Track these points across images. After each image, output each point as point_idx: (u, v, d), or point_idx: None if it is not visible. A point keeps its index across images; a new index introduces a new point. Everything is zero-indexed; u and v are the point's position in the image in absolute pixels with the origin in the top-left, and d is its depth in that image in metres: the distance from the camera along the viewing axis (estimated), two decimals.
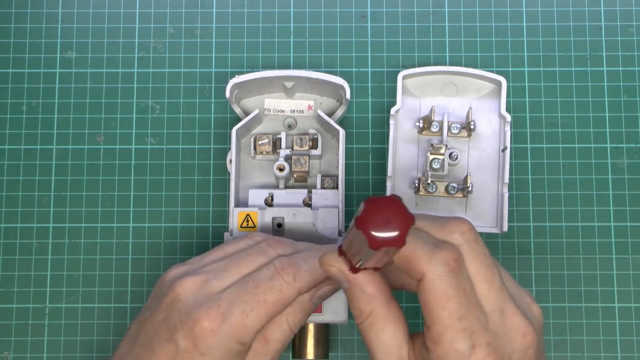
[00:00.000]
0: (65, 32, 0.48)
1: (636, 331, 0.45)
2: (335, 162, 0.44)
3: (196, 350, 0.33)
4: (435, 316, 0.30)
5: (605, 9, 0.48)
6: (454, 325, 0.30)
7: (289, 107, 0.45)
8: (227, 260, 0.36)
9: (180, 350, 0.33)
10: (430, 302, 0.30)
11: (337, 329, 0.45)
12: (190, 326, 0.33)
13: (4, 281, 0.45)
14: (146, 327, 0.35)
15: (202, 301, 0.34)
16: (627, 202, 0.46)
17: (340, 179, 0.42)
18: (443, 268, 0.30)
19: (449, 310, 0.30)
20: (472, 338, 0.30)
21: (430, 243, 0.30)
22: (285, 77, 0.43)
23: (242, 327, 0.33)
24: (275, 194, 0.43)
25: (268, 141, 0.44)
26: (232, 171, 0.43)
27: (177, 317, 0.34)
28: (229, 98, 0.43)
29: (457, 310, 0.30)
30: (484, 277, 0.31)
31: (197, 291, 0.34)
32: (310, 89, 0.45)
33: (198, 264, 0.36)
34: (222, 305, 0.33)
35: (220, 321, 0.33)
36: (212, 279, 0.35)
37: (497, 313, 0.31)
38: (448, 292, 0.30)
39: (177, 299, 0.34)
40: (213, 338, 0.33)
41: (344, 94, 0.43)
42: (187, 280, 0.34)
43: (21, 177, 0.46)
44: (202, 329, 0.33)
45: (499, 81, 0.44)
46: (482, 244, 0.32)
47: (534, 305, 0.33)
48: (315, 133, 0.44)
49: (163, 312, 0.34)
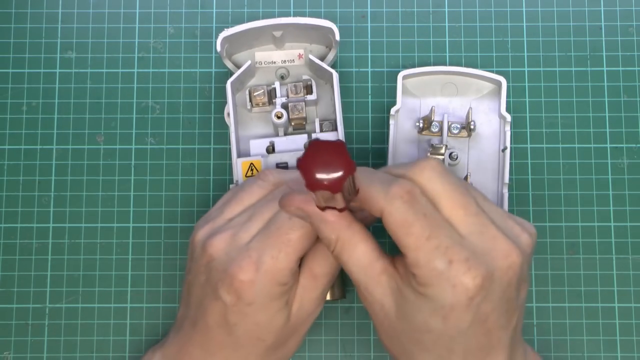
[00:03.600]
0: (65, 32, 0.48)
1: (636, 331, 0.45)
2: (331, 106, 0.45)
3: (242, 302, 0.35)
4: (404, 244, 0.31)
5: (605, 9, 0.48)
6: (424, 247, 0.31)
7: (279, 58, 0.45)
8: (250, 211, 0.37)
9: (228, 305, 0.35)
10: (396, 232, 0.31)
11: (337, 329, 0.45)
12: (229, 282, 0.34)
13: (4, 281, 0.45)
14: (194, 289, 0.37)
15: (234, 255, 0.35)
16: (627, 202, 0.46)
17: (338, 121, 0.43)
18: (398, 200, 0.31)
19: (414, 234, 0.31)
20: (446, 254, 0.31)
21: (384, 182, 0.32)
22: (274, 25, 0.43)
23: (276, 271, 0.34)
24: (276, 141, 0.44)
25: (263, 92, 0.44)
26: (231, 123, 0.43)
27: (217, 276, 0.35)
28: (220, 52, 0.43)
29: (422, 232, 0.31)
30: (459, 204, 0.32)
31: (227, 247, 0.36)
32: (299, 37, 0.45)
33: (221, 220, 0.37)
34: (252, 255, 0.34)
35: (254, 271, 0.34)
36: (239, 231, 0.36)
37: (476, 235, 0.32)
38: (407, 218, 0.31)
39: (211, 259, 0.36)
40: (253, 288, 0.34)
41: (333, 36, 0.43)
42: (216, 240, 0.36)
43: (21, 177, 0.46)
44: (241, 283, 0.34)
45: (499, 81, 0.44)
46: (453, 174, 0.33)
47: (523, 235, 0.34)
48: (309, 79, 0.44)
49: (203, 273, 0.36)
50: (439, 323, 0.32)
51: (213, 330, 0.36)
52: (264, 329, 0.36)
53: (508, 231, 0.33)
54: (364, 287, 0.34)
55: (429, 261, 0.31)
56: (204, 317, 0.36)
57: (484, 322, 0.32)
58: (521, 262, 0.32)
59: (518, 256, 0.32)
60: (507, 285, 0.32)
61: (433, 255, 0.31)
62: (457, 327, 0.32)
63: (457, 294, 0.31)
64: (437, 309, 0.31)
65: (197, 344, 0.37)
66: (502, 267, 0.32)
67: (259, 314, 0.35)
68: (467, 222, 0.32)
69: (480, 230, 0.32)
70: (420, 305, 0.32)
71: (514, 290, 0.33)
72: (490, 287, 0.31)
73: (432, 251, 0.31)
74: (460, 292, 0.31)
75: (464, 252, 0.31)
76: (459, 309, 0.31)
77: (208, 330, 0.36)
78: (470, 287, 0.31)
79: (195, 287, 0.37)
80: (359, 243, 0.33)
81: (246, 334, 0.36)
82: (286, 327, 0.36)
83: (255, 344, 0.36)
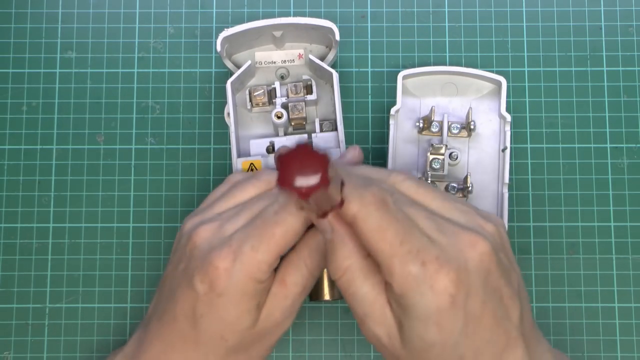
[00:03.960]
0: (65, 32, 0.48)
1: (636, 331, 0.45)
2: (331, 106, 0.45)
3: (213, 292, 0.34)
4: (378, 251, 0.31)
5: (605, 9, 0.48)
6: (398, 252, 0.31)
7: (279, 58, 0.45)
8: (240, 207, 0.36)
9: (199, 294, 0.34)
10: (369, 240, 0.31)
11: (337, 329, 0.45)
12: (205, 269, 0.34)
13: (4, 281, 0.45)
14: (169, 281, 0.37)
15: (216, 244, 0.34)
16: (627, 202, 0.46)
17: (338, 121, 0.43)
18: (371, 206, 0.31)
19: (387, 240, 0.31)
20: (419, 256, 0.31)
21: (357, 187, 0.32)
22: (274, 25, 0.43)
23: (254, 263, 0.34)
24: (275, 141, 0.44)
25: (263, 92, 0.44)
26: (231, 123, 0.43)
27: (195, 264, 0.34)
28: (220, 52, 0.43)
29: (395, 237, 0.31)
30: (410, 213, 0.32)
31: (211, 237, 0.35)
32: (299, 37, 0.45)
33: (211, 213, 0.37)
34: (233, 244, 0.34)
35: (232, 260, 0.34)
36: (226, 223, 0.35)
37: (436, 234, 0.32)
38: (381, 224, 0.31)
39: (194, 247, 0.35)
40: (228, 278, 0.34)
41: (333, 36, 0.43)
42: (202, 229, 0.35)
43: (21, 177, 0.46)
44: (216, 270, 0.33)
45: (499, 81, 0.44)
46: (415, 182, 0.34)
47: (486, 225, 0.33)
48: (309, 79, 0.44)
49: (183, 262, 0.36)
50: (434, 334, 0.31)
51: (179, 321, 0.35)
52: (228, 326, 0.35)
53: (470, 224, 0.33)
54: (371, 320, 0.33)
55: (403, 267, 0.31)
56: (173, 308, 0.35)
57: (481, 319, 0.31)
58: (491, 249, 0.32)
59: (485, 243, 0.32)
60: (487, 274, 0.32)
61: (406, 260, 0.31)
62: (454, 330, 0.31)
63: (437, 294, 0.30)
64: (425, 317, 0.31)
65: (159, 337, 0.36)
66: (474, 257, 0.31)
67: (227, 309, 0.34)
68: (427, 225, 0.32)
69: (438, 230, 0.32)
70: (411, 323, 0.31)
71: (498, 278, 0.32)
72: (469, 279, 0.31)
73: (405, 256, 0.31)
74: (439, 291, 0.30)
75: (434, 250, 0.31)
76: (446, 311, 0.31)
77: (174, 321, 0.35)
78: (448, 284, 0.30)
79: (171, 278, 0.36)
80: (369, 276, 0.33)
81: (210, 329, 0.35)
82: (251, 331, 0.35)
83: (217, 343, 0.35)
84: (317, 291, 0.42)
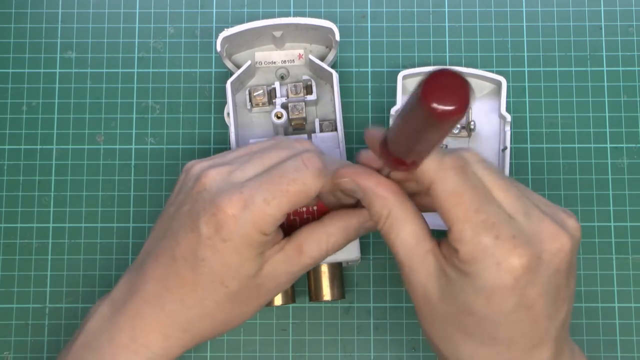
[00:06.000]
0: (65, 32, 0.48)
1: (636, 331, 0.45)
2: (331, 106, 0.45)
3: (218, 237, 0.33)
4: (452, 215, 0.30)
5: (605, 9, 0.48)
6: (472, 219, 0.30)
7: (279, 58, 0.45)
8: (253, 154, 0.36)
9: (202, 237, 0.33)
10: (444, 203, 0.30)
11: (337, 329, 0.45)
12: (212, 212, 0.33)
13: (4, 281, 0.45)
14: (169, 220, 0.36)
15: (226, 189, 0.34)
16: (627, 202, 0.46)
17: (338, 121, 0.43)
18: (450, 171, 0.30)
19: (464, 205, 0.30)
20: (493, 229, 0.30)
21: (437, 152, 0.31)
22: (274, 25, 0.43)
23: (263, 215, 0.33)
24: None
25: (263, 92, 0.44)
26: (231, 124, 0.43)
27: (201, 206, 0.34)
28: (220, 52, 0.43)
29: (471, 204, 0.30)
30: (500, 186, 0.31)
31: (221, 180, 0.34)
32: (299, 37, 0.45)
33: (221, 159, 0.36)
34: (245, 192, 0.33)
35: (242, 207, 0.33)
36: (237, 169, 0.35)
37: (521, 215, 0.31)
38: (458, 189, 0.30)
39: (202, 189, 0.34)
40: (234, 224, 0.33)
41: (333, 37, 0.43)
42: (212, 171, 0.35)
43: (21, 177, 0.46)
44: (224, 215, 0.33)
45: (499, 81, 0.44)
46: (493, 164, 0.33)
47: (570, 220, 0.32)
48: (309, 79, 0.44)
49: (189, 203, 0.35)
50: (482, 305, 0.30)
51: (178, 262, 0.34)
52: (230, 272, 0.34)
53: (554, 216, 0.32)
54: (409, 267, 0.33)
55: (474, 235, 0.30)
56: (172, 249, 0.34)
57: (530, 309, 0.31)
58: (571, 246, 0.31)
59: (567, 240, 0.31)
60: (556, 271, 0.31)
61: (480, 229, 0.30)
62: (501, 310, 0.31)
63: (501, 272, 0.30)
64: (480, 288, 0.30)
65: (154, 279, 0.35)
66: (551, 250, 0.31)
67: (230, 255, 0.33)
68: (510, 203, 0.31)
69: (526, 212, 0.31)
70: (462, 285, 0.31)
71: (562, 278, 0.31)
72: (537, 269, 0.30)
73: (479, 225, 0.30)
74: (505, 270, 0.30)
75: (512, 229, 0.30)
76: (503, 290, 0.30)
77: (172, 263, 0.34)
78: (516, 266, 0.30)
79: (172, 219, 0.35)
80: (409, 221, 0.32)
81: (210, 274, 0.34)
82: (252, 281, 0.35)
83: (216, 287, 0.34)
84: (317, 291, 0.42)
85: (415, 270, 0.32)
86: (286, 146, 0.36)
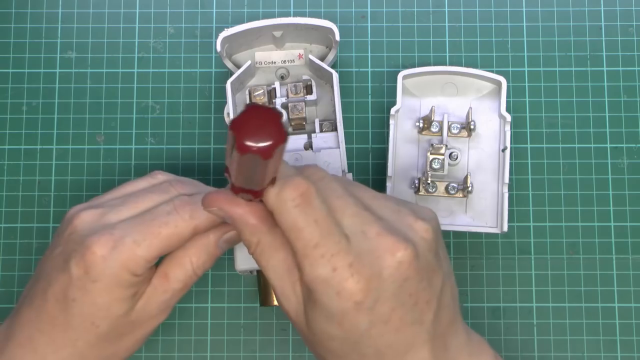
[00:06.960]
0: (65, 32, 0.48)
1: (636, 331, 0.45)
2: (331, 106, 0.45)
3: (88, 277, 0.34)
4: (293, 246, 0.31)
5: (605, 9, 0.48)
6: (310, 254, 0.30)
7: (279, 58, 0.45)
8: (126, 197, 0.36)
9: (73, 278, 0.34)
10: (285, 233, 0.31)
11: None
12: (82, 253, 0.34)
13: (4, 281, 0.45)
14: (44, 264, 0.36)
15: (97, 230, 0.34)
16: (627, 202, 0.46)
17: (338, 121, 0.43)
18: (289, 202, 0.30)
19: (302, 240, 0.31)
20: (331, 262, 0.30)
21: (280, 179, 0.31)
22: (274, 25, 0.43)
23: (133, 256, 0.34)
24: None
25: (263, 92, 0.44)
26: None
27: (72, 247, 0.34)
28: (220, 52, 0.43)
29: (310, 239, 0.30)
30: (338, 206, 0.32)
31: (93, 222, 0.35)
32: (299, 37, 0.45)
33: (97, 201, 0.37)
34: (115, 233, 0.34)
35: (111, 248, 0.33)
36: (110, 212, 0.35)
37: (358, 236, 0.31)
38: (297, 223, 0.30)
39: (73, 231, 0.35)
40: (103, 264, 0.33)
41: (333, 37, 0.43)
42: (84, 213, 0.35)
43: (21, 177, 0.46)
44: (93, 255, 0.33)
45: (499, 81, 0.44)
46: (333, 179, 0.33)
47: (417, 223, 0.32)
48: (309, 79, 0.44)
49: (61, 245, 0.35)
50: (336, 329, 0.31)
51: (49, 303, 0.35)
52: (100, 312, 0.34)
53: (398, 224, 0.32)
54: (280, 293, 0.33)
55: (313, 269, 0.30)
56: (44, 291, 0.35)
57: (387, 323, 0.31)
58: (412, 254, 0.31)
59: (407, 249, 0.31)
60: (404, 281, 0.31)
61: (318, 263, 0.30)
62: (357, 331, 0.31)
63: (342, 300, 0.30)
64: (330, 315, 0.31)
65: (28, 323, 0.35)
66: (391, 265, 0.31)
67: (100, 295, 0.34)
68: (350, 224, 0.31)
69: (362, 230, 0.31)
70: (315, 314, 0.32)
71: (416, 284, 0.32)
72: (381, 286, 0.31)
73: (317, 260, 0.30)
74: (345, 298, 0.30)
75: (349, 257, 0.30)
76: (350, 314, 0.31)
77: (44, 304, 0.35)
78: (355, 292, 0.30)
79: (45, 262, 0.36)
80: (277, 249, 0.33)
81: (81, 314, 0.34)
82: (124, 320, 0.35)
83: (87, 328, 0.35)
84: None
85: (287, 297, 0.33)
86: (160, 190, 0.36)
